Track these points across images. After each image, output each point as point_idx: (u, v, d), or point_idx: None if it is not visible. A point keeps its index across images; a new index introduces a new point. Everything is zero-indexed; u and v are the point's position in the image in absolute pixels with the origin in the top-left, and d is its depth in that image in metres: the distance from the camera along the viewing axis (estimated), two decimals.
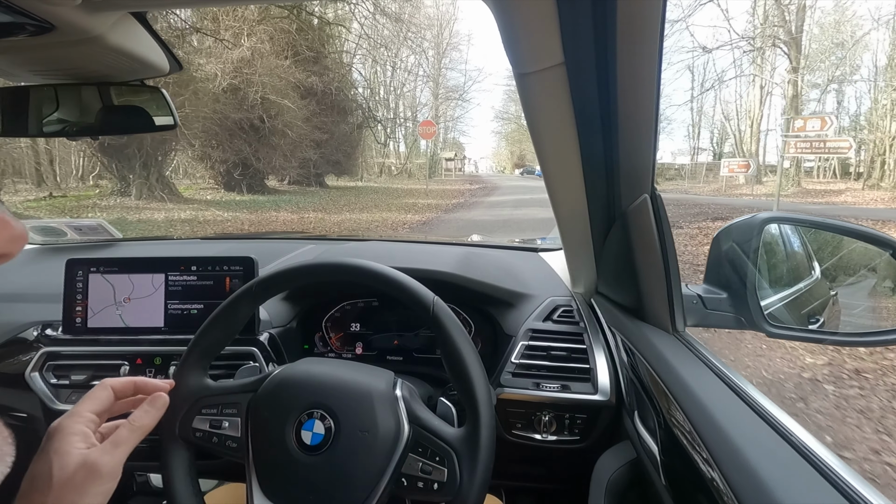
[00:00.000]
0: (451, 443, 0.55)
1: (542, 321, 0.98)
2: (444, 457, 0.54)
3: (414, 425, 0.56)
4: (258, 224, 9.23)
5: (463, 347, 0.58)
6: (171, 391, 0.58)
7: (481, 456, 0.53)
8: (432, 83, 32.88)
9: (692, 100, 28.48)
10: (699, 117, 30.06)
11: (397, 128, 29.84)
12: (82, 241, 1.58)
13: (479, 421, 0.55)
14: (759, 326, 0.81)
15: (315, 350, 1.11)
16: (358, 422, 0.55)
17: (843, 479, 0.42)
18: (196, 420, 0.58)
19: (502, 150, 58.55)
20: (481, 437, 0.54)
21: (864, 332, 0.86)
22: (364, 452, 0.54)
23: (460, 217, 11.31)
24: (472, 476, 0.53)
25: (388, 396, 0.57)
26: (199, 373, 0.62)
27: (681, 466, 0.57)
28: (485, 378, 0.58)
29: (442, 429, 0.56)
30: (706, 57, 26.38)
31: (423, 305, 0.60)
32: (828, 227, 0.93)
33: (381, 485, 0.53)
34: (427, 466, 0.54)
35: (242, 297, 0.63)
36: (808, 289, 0.98)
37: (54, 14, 0.56)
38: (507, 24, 0.54)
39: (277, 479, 0.54)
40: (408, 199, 14.62)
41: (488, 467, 0.54)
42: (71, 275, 0.98)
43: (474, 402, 0.56)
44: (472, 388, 0.56)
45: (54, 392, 0.95)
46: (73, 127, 0.83)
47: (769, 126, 26.55)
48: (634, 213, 0.71)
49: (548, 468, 0.99)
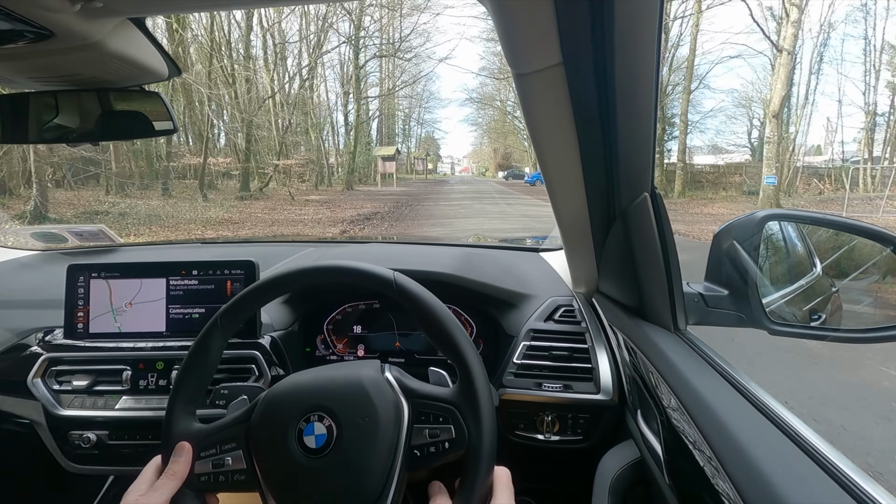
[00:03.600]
0: (450, 399, 0.56)
1: (543, 321, 0.98)
2: (447, 415, 0.55)
3: (411, 399, 0.57)
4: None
5: (437, 310, 0.59)
6: (165, 446, 0.59)
7: (481, 402, 0.54)
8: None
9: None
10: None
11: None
12: (83, 246, 1.58)
13: (470, 371, 0.56)
14: (760, 324, 0.81)
15: (316, 353, 1.11)
16: (356, 411, 0.55)
17: (849, 477, 0.42)
18: (197, 465, 0.58)
19: (484, 148, 49.74)
20: (476, 385, 0.55)
21: (865, 329, 0.86)
22: (370, 438, 0.54)
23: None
24: (477, 423, 0.53)
25: (379, 380, 0.58)
26: (188, 419, 0.61)
27: (685, 465, 0.57)
28: (464, 332, 0.59)
29: (438, 392, 0.58)
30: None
31: (385, 283, 0.61)
32: (828, 224, 0.93)
33: (396, 464, 0.53)
34: (434, 430, 0.55)
35: (209, 333, 0.63)
36: (809, 285, 0.98)
37: (53, 21, 0.56)
38: (504, 25, 0.54)
39: (294, 492, 0.54)
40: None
41: (491, 411, 0.55)
42: (72, 280, 0.98)
43: (461, 355, 0.57)
44: (456, 343, 0.57)
45: (56, 398, 0.95)
46: (73, 133, 0.83)
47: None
48: (634, 212, 0.71)
49: (550, 468, 0.99)
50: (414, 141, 46.48)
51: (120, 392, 0.95)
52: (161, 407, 0.90)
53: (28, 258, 1.49)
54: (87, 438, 0.92)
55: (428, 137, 48.35)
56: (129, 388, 0.95)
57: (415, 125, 45.02)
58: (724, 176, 21.25)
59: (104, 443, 0.93)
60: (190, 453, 0.58)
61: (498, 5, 0.52)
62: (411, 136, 45.67)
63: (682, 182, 18.86)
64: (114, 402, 0.94)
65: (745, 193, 18.30)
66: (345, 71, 24.68)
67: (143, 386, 0.95)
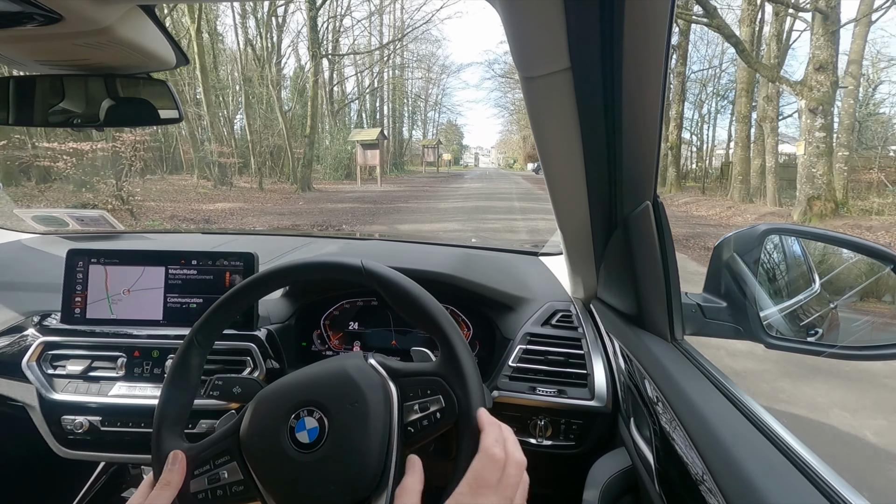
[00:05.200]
0: (434, 371, 0.56)
1: (540, 325, 0.98)
2: (434, 386, 0.55)
3: (397, 378, 0.57)
4: None
5: (409, 288, 0.59)
6: (156, 464, 0.58)
7: (465, 367, 0.55)
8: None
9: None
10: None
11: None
12: (83, 231, 1.58)
13: (449, 339, 0.56)
14: (757, 337, 0.81)
15: (312, 348, 1.11)
16: (345, 400, 0.55)
17: (840, 494, 0.41)
18: (192, 484, 0.57)
19: (513, 137, 44.02)
20: (457, 352, 0.55)
21: (862, 346, 0.86)
22: (362, 423, 0.54)
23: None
24: (465, 388, 0.54)
25: (363, 367, 0.58)
26: (176, 440, 0.61)
27: (675, 475, 0.57)
28: (438, 305, 0.59)
29: (422, 367, 0.58)
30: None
31: (354, 271, 0.61)
32: (829, 240, 0.92)
33: (392, 444, 0.54)
34: (424, 404, 0.55)
35: (187, 350, 0.62)
36: (807, 300, 0.98)
37: (63, 4, 0.56)
38: (514, 27, 0.54)
39: (295, 490, 0.54)
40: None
41: (475, 374, 0.55)
42: (71, 265, 0.98)
43: (438, 326, 0.57)
44: (431, 316, 0.58)
45: (50, 382, 0.95)
46: (79, 118, 0.83)
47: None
48: (636, 220, 0.71)
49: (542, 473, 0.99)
50: (432, 128, 40.73)
51: (114, 379, 0.95)
52: (155, 395, 0.91)
53: (28, 241, 1.49)
54: (79, 424, 0.92)
55: (450, 125, 42.13)
56: (124, 375, 0.95)
57: (431, 112, 38.69)
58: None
59: (97, 429, 0.93)
60: (184, 461, 0.57)
61: (508, 7, 0.52)
62: (428, 122, 39.59)
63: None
64: (108, 388, 0.94)
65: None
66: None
67: (137, 373, 0.95)
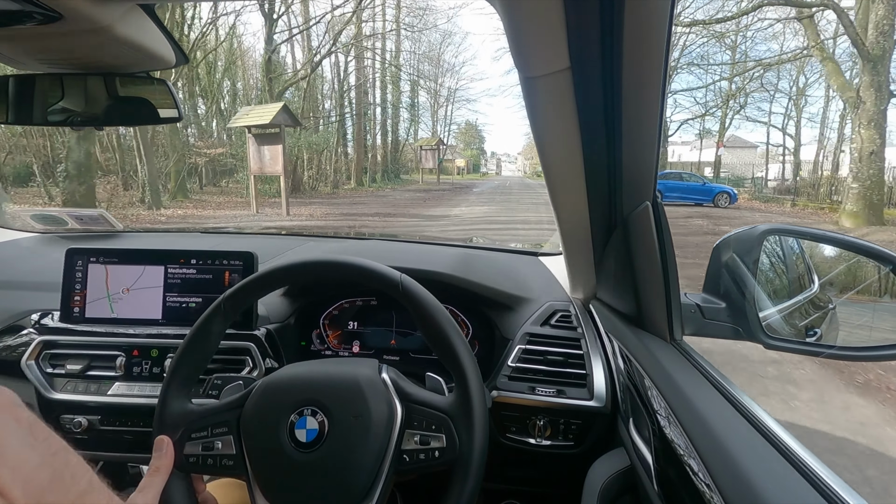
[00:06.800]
0: (444, 409, 0.56)
1: (539, 325, 0.98)
2: (440, 424, 0.55)
3: (406, 402, 0.57)
4: None
5: (439, 317, 0.59)
6: (158, 424, 0.59)
7: (475, 414, 0.54)
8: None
9: None
10: None
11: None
12: (83, 230, 1.58)
13: (468, 382, 0.55)
14: (756, 337, 0.81)
15: (312, 347, 1.11)
16: (349, 410, 0.55)
17: (839, 495, 0.41)
18: (187, 446, 0.58)
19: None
20: (472, 397, 0.55)
21: (861, 347, 0.86)
22: (361, 438, 0.54)
23: None
24: (469, 435, 0.53)
25: (375, 381, 0.58)
26: (183, 400, 0.61)
27: (674, 476, 0.57)
28: (465, 342, 0.59)
29: (433, 399, 0.57)
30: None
31: (391, 285, 0.61)
32: (829, 241, 0.92)
33: (384, 467, 0.53)
34: (425, 437, 0.55)
35: (212, 316, 0.63)
36: (806, 301, 0.98)
37: (63, 3, 0.56)
38: (514, 27, 0.54)
39: (280, 484, 0.54)
40: None
41: (484, 425, 0.54)
42: (70, 264, 0.98)
43: (459, 365, 0.56)
44: (455, 352, 0.57)
45: (49, 381, 0.95)
46: (78, 117, 0.83)
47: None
48: (635, 220, 0.71)
49: (541, 473, 0.99)
50: (444, 128, 32.33)
51: (113, 378, 0.95)
52: (154, 395, 0.91)
53: (27, 240, 1.49)
54: (78, 423, 0.92)
55: (468, 127, 33.17)
56: (123, 375, 0.95)
57: (441, 108, 29.54)
58: None
59: (95, 428, 0.93)
60: (171, 445, 0.57)
61: (508, 7, 0.52)
62: (438, 120, 31.41)
63: None
64: (107, 387, 0.94)
65: None
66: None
67: (136, 373, 0.95)
